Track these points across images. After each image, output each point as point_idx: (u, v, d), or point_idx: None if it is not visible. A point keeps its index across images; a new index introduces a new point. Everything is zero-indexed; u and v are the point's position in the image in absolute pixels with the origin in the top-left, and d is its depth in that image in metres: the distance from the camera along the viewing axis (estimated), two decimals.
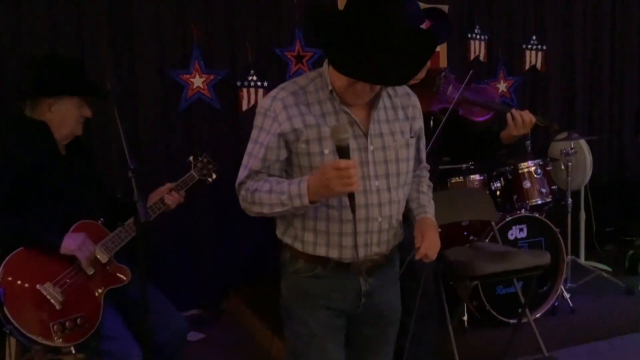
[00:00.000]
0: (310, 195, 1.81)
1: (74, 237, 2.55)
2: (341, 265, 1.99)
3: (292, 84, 1.98)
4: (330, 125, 1.90)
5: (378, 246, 2.01)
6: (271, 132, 1.91)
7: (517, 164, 4.17)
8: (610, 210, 5.52)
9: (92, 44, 4.03)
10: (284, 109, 1.91)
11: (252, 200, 1.92)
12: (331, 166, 1.75)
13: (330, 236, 1.96)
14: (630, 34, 5.63)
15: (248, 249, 4.57)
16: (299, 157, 1.93)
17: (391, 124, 2.00)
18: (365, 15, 1.75)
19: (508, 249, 3.45)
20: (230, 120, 4.49)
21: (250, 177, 1.95)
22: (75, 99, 2.70)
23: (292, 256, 2.03)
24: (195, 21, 4.30)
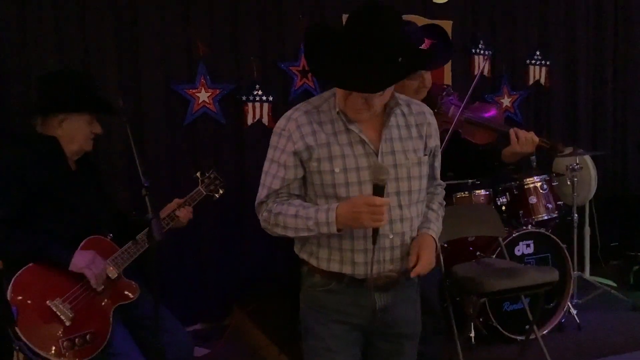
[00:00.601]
0: (338, 224, 1.88)
1: (84, 255, 2.54)
2: (355, 281, 2.02)
3: (306, 104, 2.05)
4: (341, 143, 1.95)
5: (391, 263, 2.02)
6: (286, 151, 1.97)
7: (523, 179, 4.17)
8: (614, 225, 5.52)
9: (97, 59, 4.04)
10: (297, 129, 1.96)
11: (275, 222, 1.97)
12: (365, 202, 1.82)
13: (343, 253, 1.99)
14: (633, 49, 5.64)
15: (253, 264, 4.55)
16: (311, 175, 1.98)
17: (404, 142, 2.02)
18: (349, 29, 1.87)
19: (516, 265, 3.45)
20: (235, 134, 4.49)
21: (270, 196, 2.00)
22: (86, 115, 2.70)
23: (309, 270, 2.09)
24: (200, 36, 4.31)
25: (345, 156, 1.95)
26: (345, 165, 1.94)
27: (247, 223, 4.50)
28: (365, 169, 1.95)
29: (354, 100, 1.90)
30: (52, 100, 2.65)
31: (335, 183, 1.95)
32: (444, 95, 2.85)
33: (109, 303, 2.62)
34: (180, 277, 4.33)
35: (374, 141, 1.98)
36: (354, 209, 1.83)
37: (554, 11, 5.36)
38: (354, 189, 1.94)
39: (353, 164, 1.95)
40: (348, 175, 1.94)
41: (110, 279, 2.63)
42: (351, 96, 1.90)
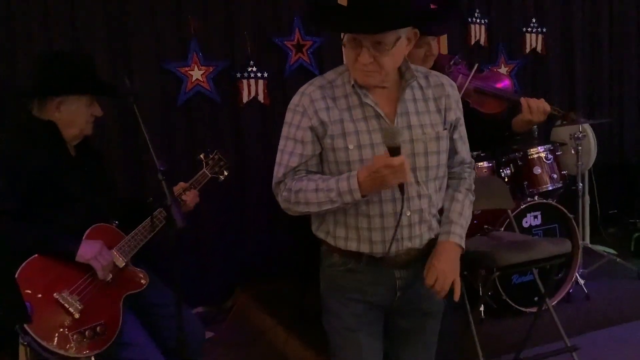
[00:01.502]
0: (363, 190, 1.80)
1: (91, 245, 2.43)
2: (374, 259, 1.97)
3: (320, 78, 1.99)
4: (355, 118, 1.90)
5: (410, 241, 1.96)
6: (302, 127, 1.92)
7: (527, 150, 4.12)
8: (613, 193, 5.51)
9: (86, 37, 3.89)
10: (311, 103, 1.91)
11: (296, 200, 1.91)
12: (384, 164, 1.74)
13: (360, 231, 1.94)
14: (628, 17, 5.59)
15: (253, 246, 4.46)
16: (326, 153, 1.93)
17: (421, 116, 1.95)
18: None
19: (527, 238, 3.40)
20: (231, 113, 4.37)
21: (287, 175, 1.94)
22: (85, 98, 2.57)
23: (327, 250, 2.04)
24: (192, 12, 4.16)
25: (360, 132, 1.89)
26: (360, 142, 1.89)
27: (247, 203, 4.42)
28: (380, 145, 1.86)
29: (364, 59, 1.82)
30: (50, 82, 2.50)
31: (350, 160, 1.88)
32: (451, 64, 2.75)
33: (118, 293, 2.51)
34: (180, 259, 4.22)
35: (389, 115, 1.91)
36: (376, 173, 1.76)
37: None
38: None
39: (367, 140, 1.89)
40: (362, 152, 1.88)
41: (118, 267, 2.53)
42: (360, 56, 1.82)
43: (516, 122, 2.70)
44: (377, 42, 1.81)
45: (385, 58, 1.84)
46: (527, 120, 2.62)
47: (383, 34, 1.81)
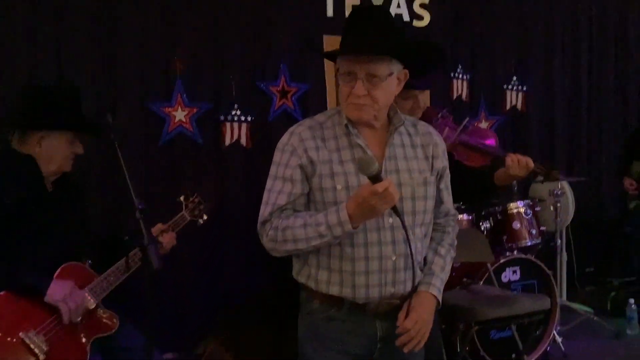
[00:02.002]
0: (354, 221, 1.79)
1: (61, 286, 2.35)
2: (356, 306, 1.94)
3: (309, 119, 2.03)
4: (344, 159, 1.91)
5: (393, 286, 1.93)
6: (291, 166, 1.92)
7: (506, 205, 4.13)
8: (590, 251, 5.52)
9: (72, 72, 3.84)
10: (301, 142, 1.93)
11: (283, 238, 1.88)
12: (370, 193, 1.72)
13: (344, 274, 1.91)
14: (606, 78, 5.72)
15: (229, 290, 4.36)
16: (313, 193, 1.93)
17: (409, 161, 1.98)
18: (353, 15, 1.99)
19: (506, 293, 3.39)
20: (213, 155, 4.33)
21: (274, 214, 1.92)
22: (67, 134, 2.53)
23: (307, 296, 2.01)
24: (179, 53, 4.16)
25: (348, 174, 1.90)
26: (348, 183, 1.89)
27: (225, 247, 4.35)
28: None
29: (358, 90, 1.85)
30: (33, 116, 2.47)
31: (338, 201, 1.87)
32: (439, 117, 2.79)
33: (87, 335, 2.43)
34: (151, 301, 4.11)
35: (378, 158, 1.91)
36: (364, 203, 1.75)
37: (532, 38, 5.40)
38: None
39: (355, 182, 1.89)
40: (350, 194, 1.86)
41: (88, 309, 2.44)
42: (355, 88, 1.86)
43: (498, 176, 2.73)
44: (372, 74, 1.86)
45: (379, 91, 1.88)
46: (510, 175, 2.65)
47: (376, 65, 1.86)
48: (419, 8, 4.92)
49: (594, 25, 5.64)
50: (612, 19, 5.69)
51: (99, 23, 3.94)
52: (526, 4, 5.35)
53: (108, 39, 3.98)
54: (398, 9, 4.83)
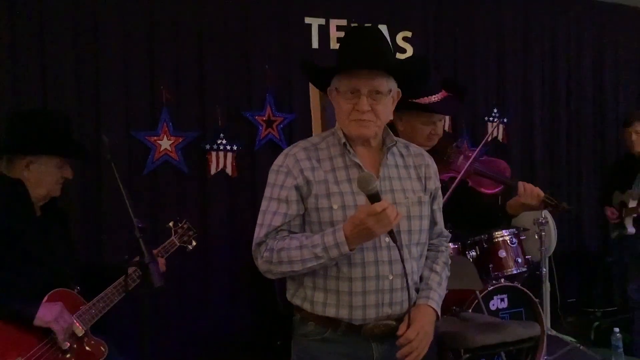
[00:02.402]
0: (351, 243, 1.79)
1: (50, 308, 2.29)
2: (352, 328, 1.91)
3: (304, 141, 2.03)
4: (340, 180, 1.91)
5: (390, 307, 1.91)
6: (286, 187, 1.91)
7: (492, 233, 4.15)
8: (571, 281, 5.56)
9: (56, 100, 3.81)
10: (296, 163, 1.93)
11: (279, 260, 1.86)
12: (367, 214, 1.73)
13: (340, 295, 1.89)
14: (584, 109, 5.83)
15: (214, 320, 4.29)
16: (309, 213, 1.92)
17: (403, 181, 2.00)
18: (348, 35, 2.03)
19: (496, 320, 3.38)
20: (198, 184, 4.30)
21: (269, 235, 1.90)
22: (56, 159, 2.49)
23: (302, 318, 1.98)
24: (164, 82, 4.16)
25: (344, 193, 1.90)
26: (344, 203, 1.89)
27: (210, 276, 4.29)
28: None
29: (363, 106, 1.87)
30: (21, 140, 2.43)
31: (334, 220, 1.88)
32: (454, 146, 2.85)
33: None
34: (135, 331, 4.02)
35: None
36: (361, 224, 1.75)
37: (511, 71, 5.50)
38: None
39: (351, 201, 1.89)
40: (347, 213, 1.87)
41: (76, 336, 2.37)
42: (359, 104, 1.87)
43: (510, 205, 2.75)
44: (375, 90, 1.89)
45: (381, 107, 1.91)
46: (521, 204, 2.67)
47: (379, 81, 1.89)
48: (402, 41, 5.00)
49: (571, 59, 5.78)
50: (589, 53, 5.84)
51: (82, 50, 3.93)
52: (506, 38, 5.47)
53: (92, 67, 3.97)
54: None
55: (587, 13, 5.83)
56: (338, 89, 1.93)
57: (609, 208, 4.48)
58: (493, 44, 5.43)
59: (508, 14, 5.48)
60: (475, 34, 5.34)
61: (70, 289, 2.47)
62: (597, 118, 5.92)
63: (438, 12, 5.19)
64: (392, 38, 4.95)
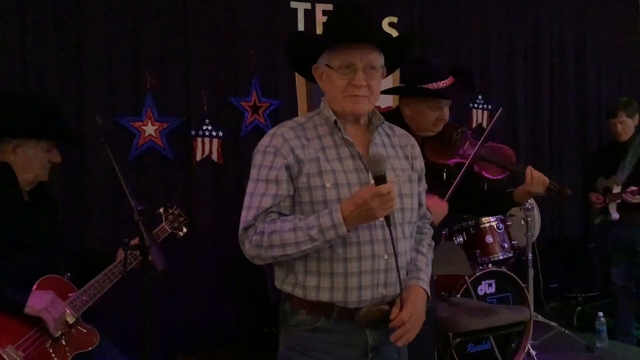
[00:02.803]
0: (348, 225, 1.74)
1: (41, 296, 2.23)
2: (346, 314, 1.85)
3: (290, 121, 1.97)
4: (330, 158, 1.87)
5: (385, 287, 1.87)
6: (276, 167, 1.85)
7: (479, 219, 4.17)
8: (553, 267, 5.61)
9: (38, 84, 3.73)
10: (285, 142, 1.87)
11: (270, 243, 1.79)
12: (372, 194, 1.70)
13: (335, 277, 1.83)
14: (567, 94, 5.87)
15: (199, 310, 4.24)
16: (300, 193, 1.86)
17: (391, 160, 1.96)
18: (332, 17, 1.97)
19: (486, 305, 3.40)
20: (183, 170, 4.25)
21: (258, 218, 1.83)
22: (44, 143, 2.42)
23: (292, 307, 1.91)
24: (149, 67, 4.09)
25: (336, 171, 1.85)
26: (337, 181, 1.84)
27: (195, 265, 4.24)
28: (356, 185, 1.85)
29: (359, 81, 1.83)
30: (7, 123, 2.36)
31: (327, 199, 1.82)
32: (459, 131, 2.82)
33: (68, 351, 2.31)
34: (118, 321, 3.97)
35: (363, 157, 1.90)
36: (364, 206, 1.70)
37: (495, 59, 5.51)
38: None
39: (344, 179, 1.85)
40: (340, 191, 1.83)
41: (68, 324, 2.32)
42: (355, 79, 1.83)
43: (517, 193, 2.75)
44: (371, 65, 1.86)
45: (375, 82, 1.89)
46: (528, 191, 2.67)
47: (375, 56, 1.87)
48: (388, 27, 4.98)
49: (554, 46, 5.80)
50: (571, 39, 5.87)
51: (65, 35, 3.85)
52: (490, 25, 5.48)
53: (75, 51, 3.89)
54: None
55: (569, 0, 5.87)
56: (330, 65, 1.87)
57: (593, 194, 4.52)
58: (477, 30, 5.43)
59: (492, 0, 5.48)
60: (459, 20, 5.33)
61: (60, 275, 2.41)
62: (579, 105, 5.96)
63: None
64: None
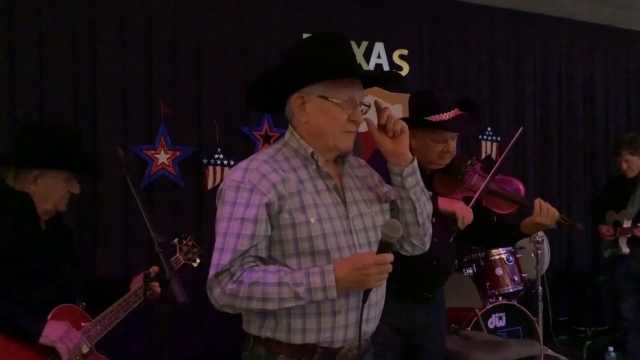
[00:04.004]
0: (338, 287, 1.66)
1: (57, 326, 2.24)
2: (328, 354, 1.76)
3: (260, 154, 1.82)
4: (309, 192, 1.76)
5: (367, 324, 1.80)
6: (254, 205, 1.70)
7: (489, 251, 4.17)
8: (562, 301, 5.59)
9: (53, 112, 3.79)
10: (263, 178, 1.72)
11: (249, 294, 1.65)
12: (375, 261, 1.65)
13: (322, 318, 1.73)
14: (575, 132, 5.92)
15: (206, 340, 4.23)
16: (280, 231, 1.72)
17: (361, 191, 1.90)
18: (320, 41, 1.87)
19: (497, 339, 3.38)
20: (195, 199, 4.28)
21: (234, 262, 1.67)
22: (64, 173, 2.44)
23: (270, 351, 1.77)
24: (162, 96, 4.15)
25: (318, 205, 1.76)
26: (320, 215, 1.74)
27: (205, 291, 4.22)
28: (336, 219, 1.77)
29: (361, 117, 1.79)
30: (29, 153, 2.38)
31: (312, 235, 1.72)
32: (468, 164, 2.79)
33: None
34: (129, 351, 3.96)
35: (339, 190, 1.83)
36: (362, 270, 1.64)
37: (504, 91, 5.57)
38: (331, 241, 1.74)
39: (326, 213, 1.76)
40: (324, 226, 1.74)
41: (82, 353, 2.33)
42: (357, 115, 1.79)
43: (525, 224, 2.72)
44: (361, 102, 1.82)
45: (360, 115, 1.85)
46: (537, 223, 2.63)
47: (364, 92, 1.83)
48: (399, 59, 5.04)
49: (563, 81, 5.87)
50: (580, 75, 5.93)
51: (81, 63, 3.93)
52: (499, 57, 5.53)
53: (90, 79, 3.97)
54: (378, 59, 4.95)
55: (577, 34, 5.93)
56: (331, 98, 1.77)
57: (603, 225, 4.51)
58: (486, 62, 5.50)
59: (501, 33, 5.55)
60: (469, 53, 5.41)
61: (76, 305, 2.42)
62: (587, 137, 6.01)
63: (433, 31, 5.26)
64: (388, 56, 5.00)
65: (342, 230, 1.77)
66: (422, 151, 2.57)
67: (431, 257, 2.36)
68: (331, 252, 1.73)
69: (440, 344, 2.70)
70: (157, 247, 1.76)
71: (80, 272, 2.61)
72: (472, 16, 5.41)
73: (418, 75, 5.15)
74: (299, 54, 1.85)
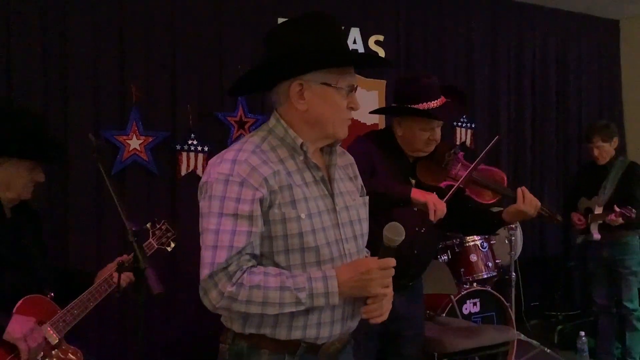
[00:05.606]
0: (340, 293, 1.63)
1: (22, 322, 2.18)
2: (311, 349, 1.73)
3: (247, 144, 1.71)
4: (298, 184, 1.69)
5: (351, 319, 1.78)
6: (246, 200, 1.61)
7: (463, 238, 4.18)
8: (533, 286, 5.65)
9: (22, 97, 3.67)
10: (253, 171, 1.63)
11: (249, 298, 1.58)
12: (379, 266, 1.62)
13: (310, 315, 1.68)
14: (548, 114, 5.96)
15: (180, 330, 4.18)
16: (270, 226, 1.65)
17: (346, 182, 1.85)
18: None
19: (471, 325, 3.40)
20: (168, 185, 4.21)
21: (232, 260, 1.59)
22: (27, 162, 2.36)
23: (251, 347, 1.71)
24: (135, 80, 4.05)
25: (307, 199, 1.69)
26: (310, 210, 1.68)
27: (179, 278, 4.18)
28: (325, 213, 1.71)
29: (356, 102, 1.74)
30: None
31: (303, 231, 1.65)
32: (452, 153, 2.78)
33: None
34: (101, 340, 3.90)
35: (328, 182, 1.77)
36: (365, 275, 1.61)
37: (479, 79, 5.57)
38: (320, 237, 1.68)
39: (315, 207, 1.69)
40: (313, 221, 1.67)
41: (50, 344, 2.27)
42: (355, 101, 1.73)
43: (507, 213, 2.71)
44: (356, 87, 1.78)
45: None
46: (519, 211, 2.63)
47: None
48: (374, 45, 5.01)
49: (537, 67, 5.90)
50: (553, 62, 5.97)
51: (51, 46, 3.81)
52: (475, 45, 5.53)
53: (60, 63, 3.85)
54: (354, 44, 4.90)
55: (551, 22, 5.95)
56: (333, 84, 1.70)
57: (575, 214, 4.55)
58: (462, 49, 5.49)
59: (476, 21, 5.55)
60: (445, 39, 5.39)
61: (44, 295, 2.36)
62: (560, 125, 6.06)
63: (409, 17, 5.22)
64: (364, 41, 4.96)
65: (330, 225, 1.72)
66: (408, 139, 2.57)
67: (412, 246, 2.36)
68: (320, 248, 1.68)
69: (418, 331, 2.71)
70: (131, 236, 1.71)
71: (49, 261, 2.54)
72: (448, 3, 5.39)
73: (393, 62, 5.12)
74: (293, 38, 1.73)
